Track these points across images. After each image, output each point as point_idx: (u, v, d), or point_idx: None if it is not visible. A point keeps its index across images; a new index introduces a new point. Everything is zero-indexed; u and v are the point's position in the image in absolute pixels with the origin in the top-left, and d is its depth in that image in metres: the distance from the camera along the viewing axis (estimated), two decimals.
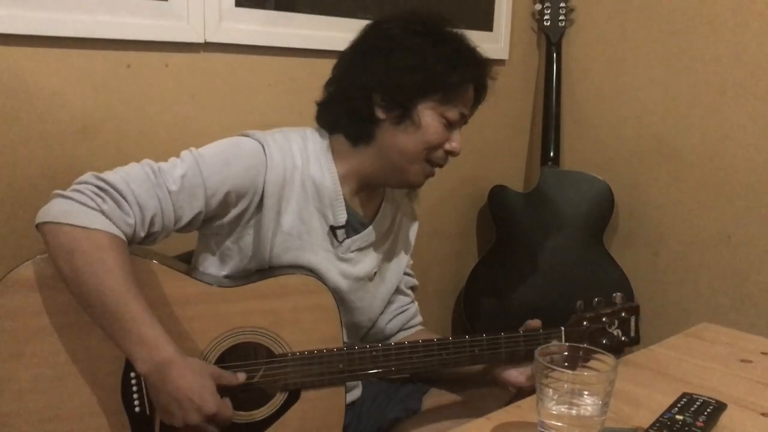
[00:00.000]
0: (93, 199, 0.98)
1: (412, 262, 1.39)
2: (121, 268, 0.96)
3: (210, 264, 1.17)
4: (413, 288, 1.40)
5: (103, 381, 1.03)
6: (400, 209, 1.34)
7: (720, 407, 0.97)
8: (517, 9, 2.20)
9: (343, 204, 1.19)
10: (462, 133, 1.20)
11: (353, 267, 1.23)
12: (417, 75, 1.13)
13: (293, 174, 1.14)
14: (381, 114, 1.16)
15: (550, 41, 2.19)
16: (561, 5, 2.17)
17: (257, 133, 1.15)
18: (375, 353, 1.13)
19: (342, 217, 1.19)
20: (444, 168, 1.23)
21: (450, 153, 1.19)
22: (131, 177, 1.02)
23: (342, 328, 1.14)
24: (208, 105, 1.56)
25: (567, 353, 0.91)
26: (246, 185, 1.10)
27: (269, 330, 1.10)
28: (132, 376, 1.03)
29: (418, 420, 1.26)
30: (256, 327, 1.09)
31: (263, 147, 1.12)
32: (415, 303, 1.40)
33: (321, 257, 1.18)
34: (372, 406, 1.32)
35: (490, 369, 1.24)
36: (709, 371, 1.17)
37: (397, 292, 1.36)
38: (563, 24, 2.18)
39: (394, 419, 1.29)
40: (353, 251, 1.23)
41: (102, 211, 0.98)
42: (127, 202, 1.00)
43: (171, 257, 1.21)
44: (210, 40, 1.52)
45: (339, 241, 1.20)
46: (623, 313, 1.23)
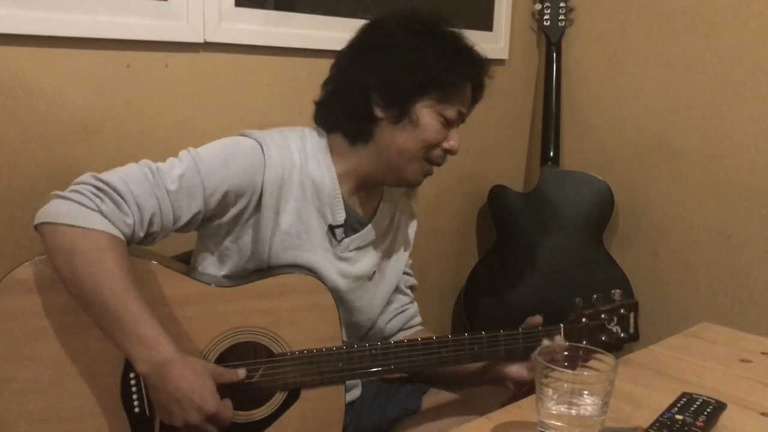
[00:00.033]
0: (92, 200, 0.98)
1: (411, 261, 1.39)
2: (120, 268, 0.96)
3: (209, 264, 1.17)
4: (412, 288, 1.40)
5: (103, 382, 1.03)
6: (398, 208, 1.34)
7: (720, 407, 0.98)
8: (517, 9, 2.21)
9: (342, 203, 1.19)
10: (461, 133, 1.20)
11: (352, 266, 1.23)
12: (415, 74, 1.13)
13: (291, 173, 1.14)
14: (379, 113, 1.16)
15: (549, 41, 2.19)
16: (561, 5, 2.17)
17: (255, 133, 1.15)
18: (374, 352, 1.13)
19: (341, 216, 1.19)
20: (444, 168, 1.24)
21: (448, 151, 1.19)
22: (130, 177, 1.02)
23: (341, 327, 1.14)
24: (208, 105, 1.56)
25: (567, 353, 0.91)
26: (244, 185, 1.10)
27: (268, 329, 1.10)
28: (131, 376, 1.03)
29: (417, 419, 1.26)
30: (255, 327, 1.09)
31: (261, 146, 1.12)
32: (415, 303, 1.40)
33: (320, 256, 1.18)
34: (372, 405, 1.32)
35: (490, 366, 1.24)
36: (709, 371, 1.17)
37: (397, 291, 1.36)
38: (563, 24, 2.18)
39: (393, 419, 1.29)
40: (352, 250, 1.23)
41: (101, 212, 0.98)
42: (126, 202, 1.00)
43: (170, 257, 1.20)
44: (210, 39, 1.52)
45: (338, 240, 1.20)
46: (622, 310, 1.23)
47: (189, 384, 0.95)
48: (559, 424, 0.85)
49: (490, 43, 2.13)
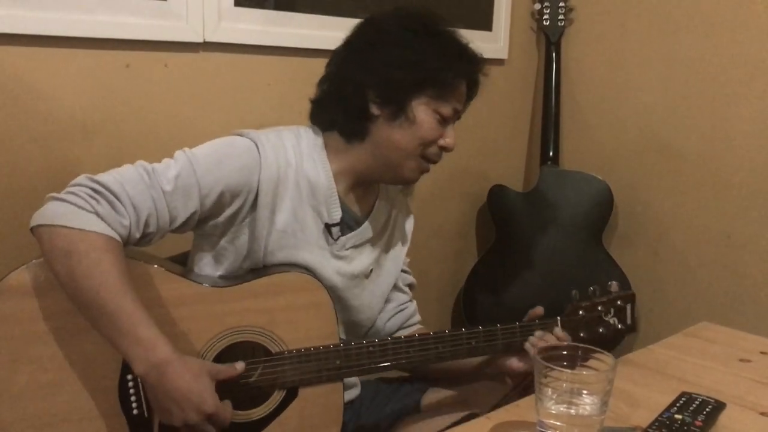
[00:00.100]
0: (88, 201, 0.98)
1: (408, 259, 1.39)
2: (117, 269, 0.96)
3: (205, 264, 1.17)
4: (411, 286, 1.40)
5: (101, 384, 1.03)
6: (395, 205, 1.34)
7: (719, 406, 0.98)
8: (517, 9, 2.21)
9: (338, 201, 1.19)
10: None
11: (348, 264, 1.23)
12: (412, 71, 1.13)
13: (287, 172, 1.14)
14: (375, 110, 1.16)
15: (549, 41, 2.19)
16: (560, 5, 2.17)
17: (251, 132, 1.15)
18: (372, 349, 1.13)
19: (337, 215, 1.19)
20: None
21: (444, 149, 1.19)
22: (125, 178, 1.02)
23: (338, 324, 1.14)
24: (207, 105, 1.56)
25: (566, 353, 0.91)
26: (240, 184, 1.10)
27: (265, 329, 1.10)
28: (129, 378, 1.03)
29: (417, 418, 1.26)
30: (252, 326, 1.09)
31: (257, 146, 1.12)
32: (414, 301, 1.40)
33: (316, 255, 1.18)
34: (371, 405, 1.32)
35: (489, 361, 1.24)
36: (708, 370, 1.17)
37: (395, 289, 1.36)
38: (562, 23, 2.18)
39: (393, 418, 1.29)
40: (348, 249, 1.23)
41: (97, 213, 0.98)
42: (122, 203, 1.00)
43: (165, 259, 1.21)
44: (209, 39, 1.52)
45: (334, 239, 1.20)
46: (619, 302, 1.23)
47: (187, 384, 0.95)
48: (559, 423, 0.85)
49: (489, 43, 2.13)
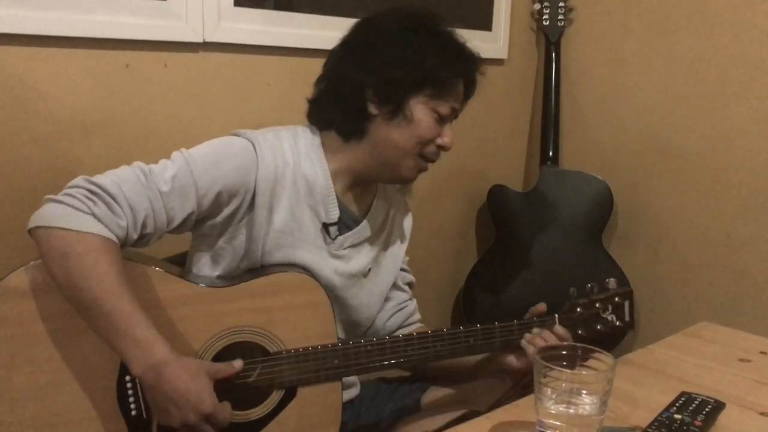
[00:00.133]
0: (84, 203, 0.98)
1: (408, 258, 1.39)
2: (115, 270, 0.96)
3: (203, 264, 1.17)
4: (410, 284, 1.40)
5: (99, 385, 1.03)
6: (393, 204, 1.34)
7: (718, 406, 0.98)
8: (516, 8, 2.21)
9: (336, 201, 1.19)
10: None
11: (346, 264, 1.23)
12: (410, 70, 1.13)
13: (284, 172, 1.14)
14: (373, 109, 1.16)
15: (549, 41, 2.19)
16: (560, 5, 2.17)
17: (248, 132, 1.15)
18: (370, 348, 1.13)
19: (334, 214, 1.19)
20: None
21: (442, 148, 1.19)
22: (122, 179, 1.02)
23: (335, 323, 1.14)
24: (207, 105, 1.56)
25: (565, 352, 0.91)
26: (237, 184, 1.10)
27: (263, 328, 1.10)
28: (127, 379, 1.03)
29: (416, 418, 1.26)
30: (249, 326, 1.09)
31: (254, 146, 1.12)
32: (414, 300, 1.40)
33: (313, 254, 1.18)
34: (371, 404, 1.32)
35: (491, 358, 1.24)
36: (708, 370, 1.17)
37: (395, 288, 1.36)
38: (562, 23, 2.18)
39: (393, 417, 1.29)
40: (346, 248, 1.23)
41: (94, 215, 0.98)
42: (119, 204, 1.00)
43: (163, 260, 1.20)
44: (209, 39, 1.52)
45: (332, 238, 1.20)
46: (617, 299, 1.23)
47: (185, 384, 0.95)
48: (558, 423, 0.85)
49: (489, 43, 2.13)
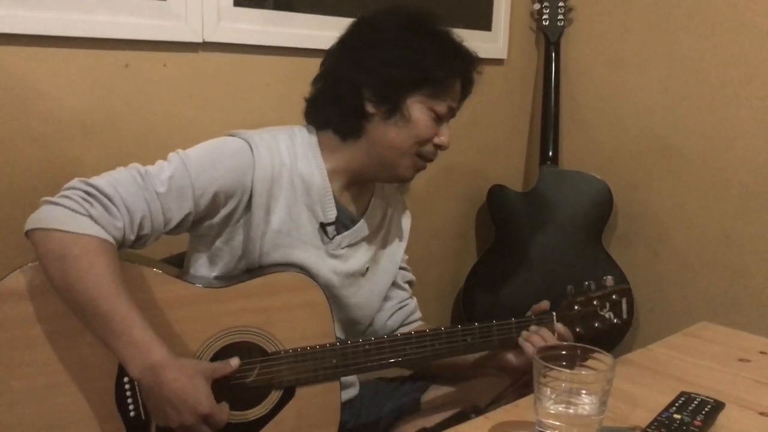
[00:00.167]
0: (81, 205, 0.98)
1: (407, 257, 1.38)
2: (112, 272, 0.96)
3: (201, 265, 1.17)
4: (410, 283, 1.40)
5: (97, 387, 1.03)
6: (390, 203, 1.34)
7: (718, 406, 0.98)
8: (516, 8, 2.21)
9: (333, 200, 1.19)
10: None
11: (344, 263, 1.23)
12: (407, 69, 1.14)
13: (281, 172, 1.14)
14: (371, 108, 1.16)
15: (548, 41, 2.19)
16: (560, 5, 2.17)
17: (245, 133, 1.15)
18: (368, 347, 1.13)
19: (332, 214, 1.19)
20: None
21: (439, 147, 1.19)
22: (119, 181, 1.02)
23: (333, 323, 1.14)
24: (206, 104, 1.56)
25: (565, 352, 0.91)
26: (234, 185, 1.10)
27: (261, 329, 1.10)
28: (125, 381, 1.03)
29: (416, 417, 1.26)
30: (248, 326, 1.09)
31: (250, 146, 1.12)
32: (414, 298, 1.40)
33: (311, 254, 1.18)
34: (370, 404, 1.32)
35: (490, 356, 1.24)
36: (708, 370, 1.17)
37: (394, 286, 1.36)
38: (562, 23, 2.18)
39: (393, 417, 1.29)
40: (344, 247, 1.23)
41: (90, 216, 0.98)
42: (116, 206, 1.00)
43: (160, 261, 1.20)
44: (208, 39, 1.52)
45: (329, 238, 1.20)
46: (614, 296, 1.23)
47: (182, 386, 0.95)
48: (557, 423, 0.85)
49: (488, 43, 2.13)
